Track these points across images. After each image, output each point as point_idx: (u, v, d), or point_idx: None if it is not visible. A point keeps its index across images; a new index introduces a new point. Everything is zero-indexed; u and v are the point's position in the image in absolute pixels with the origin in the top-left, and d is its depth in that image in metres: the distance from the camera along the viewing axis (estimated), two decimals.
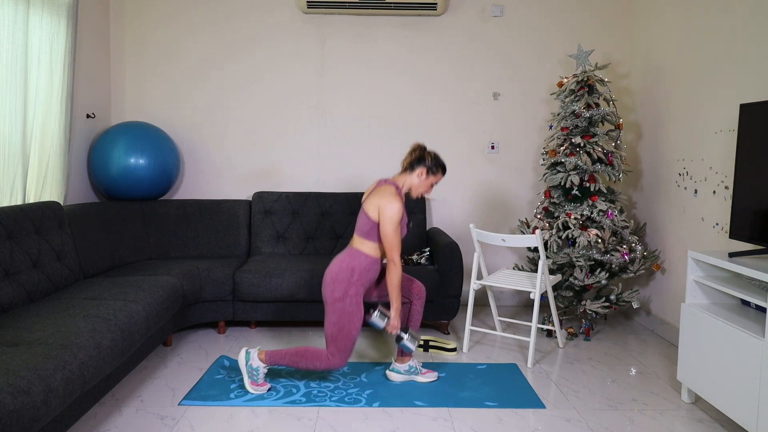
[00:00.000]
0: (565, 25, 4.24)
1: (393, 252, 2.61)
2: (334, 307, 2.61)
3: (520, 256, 4.38)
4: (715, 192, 3.16)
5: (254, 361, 2.71)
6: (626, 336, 3.69)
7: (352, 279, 2.61)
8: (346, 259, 2.66)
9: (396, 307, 2.67)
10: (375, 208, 2.63)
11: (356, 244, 2.69)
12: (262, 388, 2.72)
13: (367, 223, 2.65)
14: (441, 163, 2.77)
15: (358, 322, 2.62)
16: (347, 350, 2.64)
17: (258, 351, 2.73)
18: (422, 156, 2.73)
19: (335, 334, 2.61)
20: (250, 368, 2.71)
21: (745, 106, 2.53)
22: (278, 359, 2.69)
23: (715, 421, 2.52)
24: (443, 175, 2.80)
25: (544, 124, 4.29)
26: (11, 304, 2.55)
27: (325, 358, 2.64)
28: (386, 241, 2.61)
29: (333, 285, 2.61)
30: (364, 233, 2.67)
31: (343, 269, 2.63)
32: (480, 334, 3.66)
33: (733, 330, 2.30)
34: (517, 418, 2.52)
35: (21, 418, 1.66)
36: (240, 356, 2.74)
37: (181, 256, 3.91)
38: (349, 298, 2.60)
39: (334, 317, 2.60)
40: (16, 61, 2.90)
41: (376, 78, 4.24)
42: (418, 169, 2.73)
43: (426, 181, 2.75)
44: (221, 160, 4.26)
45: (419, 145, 2.77)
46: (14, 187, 2.97)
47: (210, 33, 4.19)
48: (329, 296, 2.62)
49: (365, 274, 2.66)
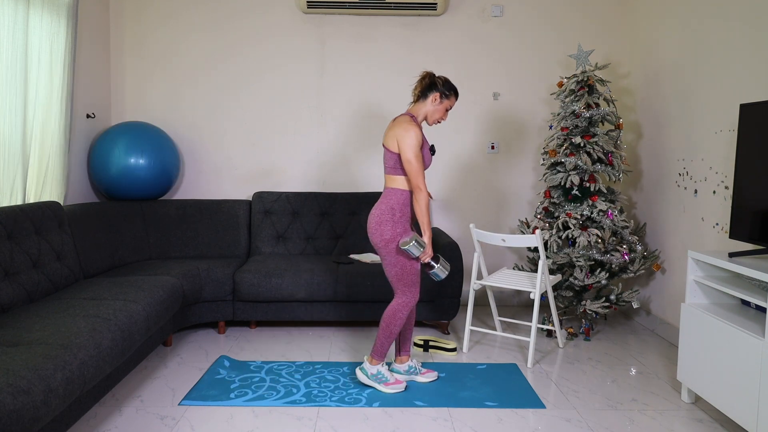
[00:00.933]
0: (565, 25, 4.24)
1: (418, 178, 2.61)
2: (388, 250, 2.65)
3: (520, 256, 4.38)
4: (715, 192, 3.16)
5: (371, 369, 2.77)
6: (626, 336, 3.69)
7: (395, 217, 2.65)
8: (383, 201, 2.69)
9: (428, 234, 2.66)
10: (393, 139, 2.64)
11: (388, 182, 2.72)
12: (397, 385, 2.77)
13: (391, 158, 2.67)
14: (452, 86, 2.75)
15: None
16: (416, 284, 2.71)
17: (367, 359, 2.79)
18: (433, 81, 2.72)
19: (399, 274, 2.67)
20: (374, 377, 2.77)
21: (745, 106, 2.53)
22: (380, 348, 2.75)
23: (715, 421, 2.52)
24: (456, 99, 2.78)
25: (544, 124, 4.29)
26: (11, 304, 2.55)
27: (400, 305, 2.70)
28: (408, 167, 2.61)
29: (379, 228, 2.65)
30: (391, 168, 2.69)
31: (383, 211, 2.66)
32: (480, 334, 3.66)
33: (733, 330, 2.30)
34: (517, 418, 2.52)
35: (21, 418, 1.66)
36: (359, 376, 2.81)
37: (181, 256, 3.91)
38: (399, 235, 2.65)
39: (392, 258, 2.66)
40: (16, 61, 2.90)
41: (376, 78, 4.24)
42: (431, 95, 2.72)
43: (440, 106, 2.74)
44: (221, 160, 4.26)
45: (427, 72, 2.76)
46: (14, 187, 2.97)
47: (210, 33, 4.19)
48: (379, 241, 2.65)
49: (405, 209, 2.69)
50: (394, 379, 2.79)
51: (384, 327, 2.72)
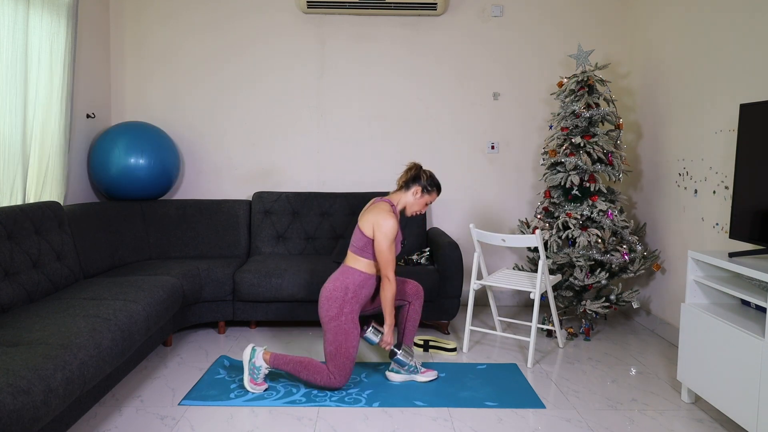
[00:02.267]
0: (565, 25, 4.24)
1: (387, 268, 2.65)
2: (330, 326, 2.64)
3: (520, 256, 4.38)
4: (715, 192, 3.16)
5: (258, 359, 2.72)
6: (626, 336, 3.69)
7: (347, 297, 2.65)
8: (339, 277, 2.69)
9: (389, 323, 2.72)
10: (370, 224, 2.67)
11: (350, 261, 2.73)
12: (259, 387, 2.73)
13: (362, 239, 2.69)
14: (436, 182, 2.82)
15: (354, 340, 2.66)
16: (347, 370, 2.68)
17: (264, 351, 2.74)
18: (418, 175, 2.79)
19: (333, 353, 2.65)
20: (253, 365, 2.72)
21: (745, 106, 2.53)
22: (281, 364, 2.71)
23: (715, 421, 2.52)
24: (438, 195, 2.85)
25: (544, 124, 4.29)
26: (11, 304, 2.55)
27: (327, 375, 2.67)
28: (381, 257, 2.65)
29: (328, 304, 2.65)
30: (359, 249, 2.70)
31: (337, 288, 2.66)
32: (480, 334, 3.66)
33: (733, 330, 2.30)
34: (517, 418, 2.52)
35: (21, 418, 1.66)
36: (245, 352, 2.75)
37: (181, 256, 3.91)
38: (344, 315, 2.63)
39: (331, 336, 2.64)
40: (16, 61, 2.90)
41: (376, 78, 4.24)
42: (413, 187, 2.78)
43: (421, 200, 2.80)
44: (221, 160, 4.26)
45: (415, 164, 2.83)
46: (14, 187, 2.97)
47: (210, 33, 4.19)
48: (325, 315, 2.65)
49: (359, 291, 2.69)
50: (261, 381, 2.72)
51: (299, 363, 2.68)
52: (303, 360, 2.70)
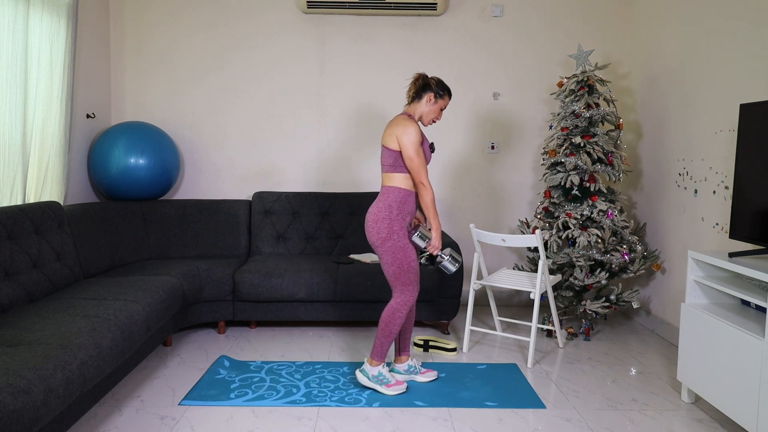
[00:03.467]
0: (565, 25, 4.24)
1: (420, 174, 2.64)
2: (385, 248, 2.65)
3: (520, 256, 4.38)
4: (715, 192, 3.16)
5: (371, 370, 2.76)
6: (626, 336, 3.69)
7: (392, 214, 2.65)
8: (380, 198, 2.70)
9: (435, 226, 2.70)
10: (392, 137, 2.66)
11: (385, 181, 2.73)
12: (398, 386, 2.75)
13: (390, 155, 2.68)
14: (446, 86, 2.79)
15: (413, 253, 2.69)
16: (414, 282, 2.71)
17: (367, 361, 2.78)
18: (426, 82, 2.76)
19: (397, 272, 2.67)
20: (375, 378, 2.75)
21: (745, 106, 2.53)
22: (380, 349, 2.74)
23: (715, 421, 2.52)
24: (449, 98, 2.82)
25: (544, 124, 4.29)
26: (11, 304, 2.55)
27: (398, 304, 2.69)
28: (411, 164, 2.63)
29: (376, 226, 2.65)
30: (390, 166, 2.69)
31: (380, 209, 2.67)
32: (480, 334, 3.66)
33: (733, 330, 2.30)
34: (517, 418, 2.52)
35: (21, 418, 1.66)
36: (359, 378, 2.79)
37: (181, 256, 3.91)
38: (396, 233, 2.64)
39: (389, 257, 2.65)
40: (16, 61, 2.90)
41: (376, 78, 4.24)
42: (425, 96, 2.75)
43: (435, 106, 2.77)
44: (221, 160, 4.26)
45: (420, 74, 2.79)
46: (14, 187, 2.97)
47: (210, 33, 4.19)
48: (376, 239, 2.65)
49: (402, 207, 2.69)
50: (395, 380, 2.78)
51: (383, 327, 2.72)
52: (381, 325, 2.71)
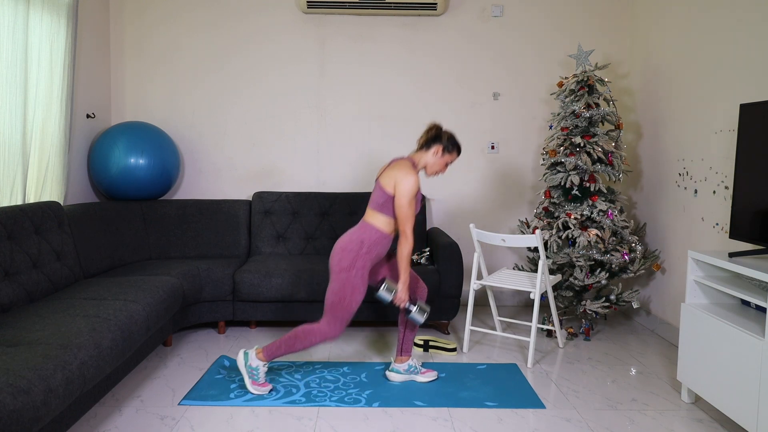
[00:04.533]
0: (565, 25, 4.24)
1: (406, 225, 2.63)
2: (339, 276, 2.62)
3: (520, 256, 4.38)
4: (715, 192, 3.16)
5: (253, 360, 2.70)
6: (626, 336, 3.69)
7: (361, 251, 2.63)
8: (357, 231, 2.68)
9: (404, 279, 2.67)
10: (391, 181, 2.64)
11: (368, 217, 2.71)
12: (263, 388, 2.72)
13: (382, 196, 2.66)
14: (456, 142, 2.78)
15: (359, 296, 2.64)
16: (344, 321, 2.65)
17: (256, 350, 2.72)
18: (438, 134, 2.75)
19: (335, 303, 2.63)
20: (250, 368, 2.71)
21: (745, 106, 2.53)
22: (275, 351, 2.69)
23: (715, 421, 2.52)
24: (458, 155, 2.81)
25: (544, 124, 4.29)
26: (11, 304, 2.55)
27: (319, 330, 2.64)
28: (400, 213, 2.62)
29: (341, 254, 2.63)
30: (378, 206, 2.68)
31: (353, 240, 2.64)
32: (480, 334, 3.66)
33: (733, 330, 2.30)
34: (517, 418, 2.52)
35: (21, 418, 1.66)
36: (238, 358, 2.73)
37: (181, 256, 3.91)
38: (356, 269, 2.61)
39: (337, 286, 2.62)
40: (16, 61, 2.90)
41: (376, 78, 4.24)
42: (433, 147, 2.75)
43: (441, 160, 2.77)
44: (221, 160, 4.26)
45: (435, 124, 2.79)
46: (14, 187, 2.97)
47: (210, 33, 4.19)
48: (336, 265, 2.63)
49: (374, 247, 2.66)
50: (264, 381, 2.73)
51: (292, 339, 2.66)
52: (291, 334, 2.67)
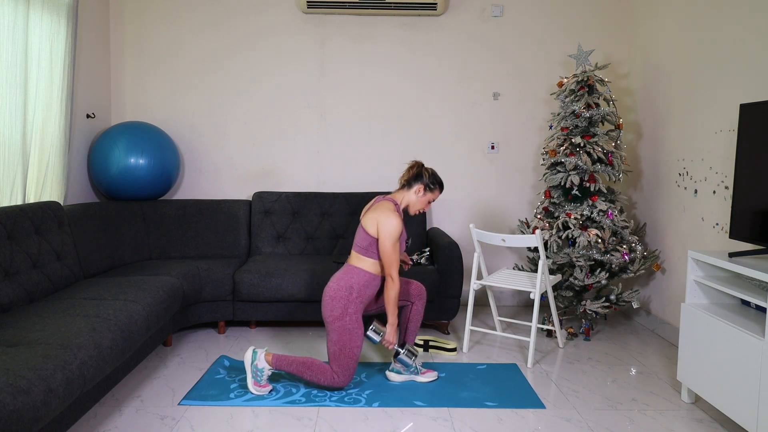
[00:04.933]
0: (565, 25, 4.24)
1: (391, 268, 2.64)
2: (334, 326, 2.63)
3: (520, 256, 4.38)
4: (715, 192, 3.16)
5: (260, 361, 2.71)
6: (626, 336, 3.69)
7: (351, 297, 2.64)
8: (344, 277, 2.68)
9: (392, 322, 2.70)
10: (374, 223, 2.65)
11: (354, 261, 2.72)
12: (264, 389, 2.72)
13: (366, 239, 2.67)
14: (438, 180, 2.80)
15: (359, 340, 2.65)
16: (350, 369, 2.67)
17: (265, 352, 2.73)
18: (420, 173, 2.77)
19: (337, 352, 2.64)
20: (255, 368, 2.71)
21: (745, 106, 2.53)
22: (284, 365, 2.70)
23: (715, 421, 2.52)
24: (440, 192, 2.83)
25: (544, 124, 4.29)
26: (11, 304, 2.55)
27: (330, 375, 2.66)
28: (385, 257, 2.63)
29: (332, 304, 2.63)
30: (363, 249, 2.69)
31: (341, 287, 2.65)
32: (480, 334, 3.66)
33: (733, 330, 2.30)
34: (517, 418, 2.52)
35: (21, 418, 1.66)
36: (246, 355, 2.74)
37: (181, 256, 3.91)
38: (349, 315, 2.62)
39: (335, 336, 2.63)
40: (16, 61, 2.90)
41: (376, 78, 4.24)
42: (415, 185, 2.77)
43: (423, 198, 2.78)
44: (221, 160, 4.26)
45: (417, 162, 2.81)
46: (14, 187, 2.97)
47: (210, 33, 4.19)
48: (329, 315, 2.64)
49: (364, 290, 2.67)
50: (265, 383, 2.72)
51: (303, 364, 2.66)
52: (305, 360, 2.70)
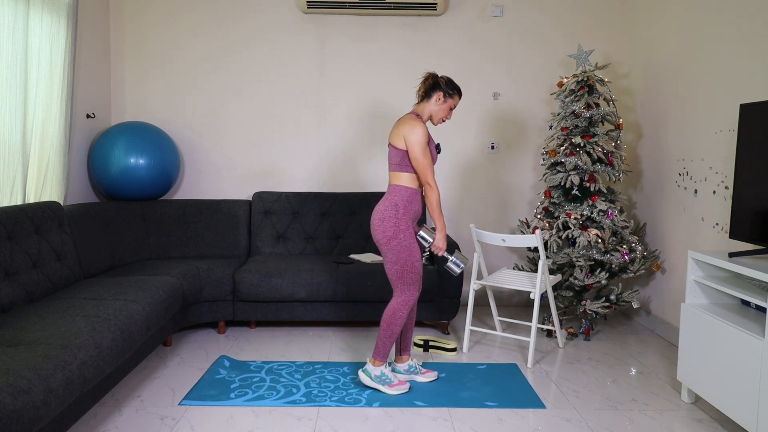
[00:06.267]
0: (565, 25, 4.24)
1: (426, 174, 2.64)
2: (390, 247, 2.64)
3: (520, 256, 4.38)
4: (715, 192, 3.16)
5: (374, 370, 2.75)
6: (626, 336, 3.69)
7: (399, 213, 2.65)
8: (387, 197, 2.70)
9: (439, 227, 2.69)
10: (400, 136, 2.66)
11: (392, 179, 2.73)
12: (401, 386, 2.75)
13: (397, 154, 2.68)
14: (455, 85, 2.78)
15: (417, 253, 2.68)
16: (417, 282, 2.70)
17: (369, 361, 2.77)
18: (436, 82, 2.76)
19: (399, 272, 2.66)
20: (377, 379, 2.75)
21: (745, 106, 2.53)
22: (382, 349, 2.73)
23: (715, 421, 2.52)
24: (459, 98, 2.81)
25: (544, 124, 4.29)
26: (11, 304, 2.55)
27: (399, 304, 2.68)
28: (417, 164, 2.64)
29: (382, 225, 2.65)
30: (397, 165, 2.70)
31: (387, 207, 2.66)
32: (480, 334, 3.66)
33: (733, 330, 2.30)
34: (517, 418, 2.52)
35: (21, 418, 1.66)
36: (362, 378, 2.78)
37: (181, 256, 3.91)
38: (402, 232, 2.64)
39: (393, 256, 2.65)
40: (16, 61, 2.90)
41: (376, 78, 4.24)
42: (434, 95, 2.75)
43: (444, 105, 2.77)
44: (221, 160, 4.26)
45: (430, 73, 2.78)
46: (14, 187, 2.97)
47: (210, 33, 4.19)
48: (381, 237, 2.65)
49: (409, 206, 2.69)
50: (398, 380, 2.78)
51: (385, 327, 2.72)
52: (383, 325, 2.70)
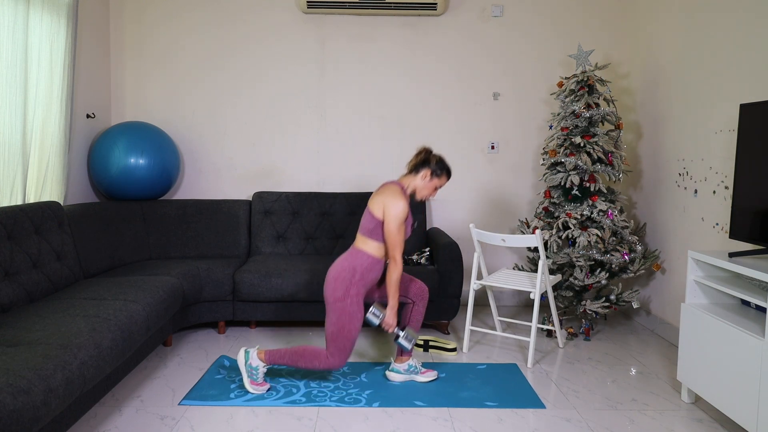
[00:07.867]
0: (565, 25, 4.24)
1: (396, 250, 2.63)
2: (334, 307, 2.62)
3: (520, 256, 4.38)
4: (715, 192, 3.16)
5: (253, 360, 2.71)
6: (626, 336, 3.69)
7: (354, 278, 2.62)
8: (348, 258, 2.67)
9: (392, 305, 2.69)
10: (380, 206, 2.64)
11: (359, 243, 2.71)
12: (261, 387, 2.72)
13: (372, 221, 2.66)
14: (446, 166, 2.78)
15: (358, 323, 2.63)
16: (347, 350, 2.65)
17: (257, 350, 2.73)
18: (427, 158, 2.76)
19: (335, 333, 2.62)
20: (250, 367, 2.71)
21: (745, 106, 2.53)
22: (277, 358, 2.70)
23: (715, 421, 2.52)
24: (448, 179, 2.81)
25: (544, 124, 4.29)
26: (11, 304, 2.55)
27: (325, 357, 2.65)
28: (390, 238, 2.63)
29: (334, 284, 2.62)
30: (368, 231, 2.68)
31: (344, 268, 2.64)
32: (480, 334, 3.66)
33: (733, 330, 2.30)
34: (517, 418, 2.52)
35: (21, 418, 1.66)
36: (239, 356, 2.74)
37: (181, 256, 3.91)
38: (350, 297, 2.61)
39: (335, 317, 2.62)
40: (16, 61, 2.90)
41: (376, 78, 4.24)
42: (422, 171, 2.75)
43: (430, 184, 2.77)
44: (221, 160, 4.26)
45: (425, 148, 2.79)
46: (14, 187, 2.97)
47: (210, 33, 4.19)
48: (330, 295, 2.63)
49: (367, 274, 2.66)
50: (263, 381, 2.74)
51: (296, 354, 2.66)
52: (297, 350, 2.68)
